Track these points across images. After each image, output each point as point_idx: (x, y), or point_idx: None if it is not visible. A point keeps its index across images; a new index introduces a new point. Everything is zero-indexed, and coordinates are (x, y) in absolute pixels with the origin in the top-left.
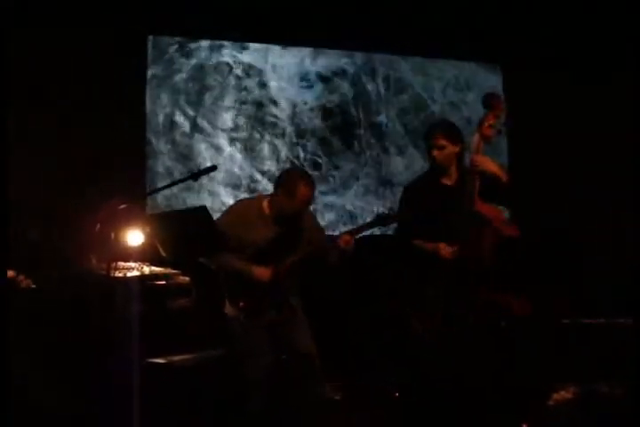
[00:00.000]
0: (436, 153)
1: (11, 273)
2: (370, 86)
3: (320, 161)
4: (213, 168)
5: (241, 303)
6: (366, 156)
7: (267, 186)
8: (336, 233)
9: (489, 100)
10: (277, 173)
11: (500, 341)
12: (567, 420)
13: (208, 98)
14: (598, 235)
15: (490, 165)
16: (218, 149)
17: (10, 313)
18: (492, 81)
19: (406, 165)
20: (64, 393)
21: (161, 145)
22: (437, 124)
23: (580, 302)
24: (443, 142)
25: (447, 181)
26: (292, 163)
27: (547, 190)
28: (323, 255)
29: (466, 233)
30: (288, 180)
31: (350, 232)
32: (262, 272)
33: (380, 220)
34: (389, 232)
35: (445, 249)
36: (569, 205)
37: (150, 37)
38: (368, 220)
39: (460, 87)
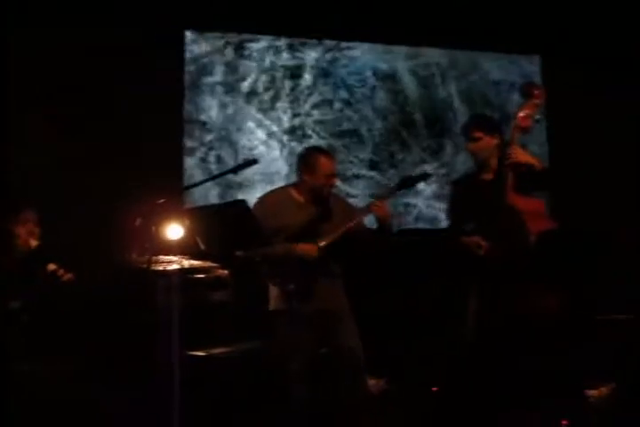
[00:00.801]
0: (471, 146)
1: (52, 267)
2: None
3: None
4: (254, 162)
5: (291, 286)
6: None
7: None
8: None
9: (526, 90)
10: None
11: (536, 338)
12: (607, 416)
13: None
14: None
15: (523, 155)
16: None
17: (52, 307)
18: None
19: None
20: (105, 386)
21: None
22: (472, 118)
23: (609, 297)
24: (477, 134)
25: (487, 176)
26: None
27: (586, 183)
28: (362, 233)
29: (501, 228)
30: (307, 157)
31: (379, 197)
32: (308, 248)
33: (404, 182)
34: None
35: (478, 244)
36: (605, 198)
37: (188, 33)
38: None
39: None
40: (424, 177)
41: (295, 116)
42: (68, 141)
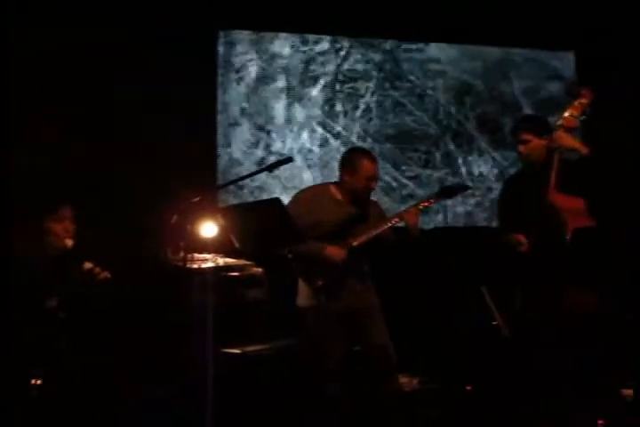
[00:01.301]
0: (521, 148)
1: (88, 265)
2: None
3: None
4: (289, 160)
5: (320, 282)
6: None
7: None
8: None
9: (573, 89)
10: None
11: (573, 336)
12: None
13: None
14: None
15: (569, 140)
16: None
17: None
18: None
19: None
20: (140, 384)
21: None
22: (522, 120)
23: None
24: (527, 137)
25: (533, 175)
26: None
27: (622, 183)
28: (390, 236)
29: (540, 225)
30: (350, 158)
31: (416, 206)
32: (336, 252)
33: (444, 192)
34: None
35: (519, 241)
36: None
37: (221, 33)
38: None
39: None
40: (463, 188)
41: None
42: (95, 141)
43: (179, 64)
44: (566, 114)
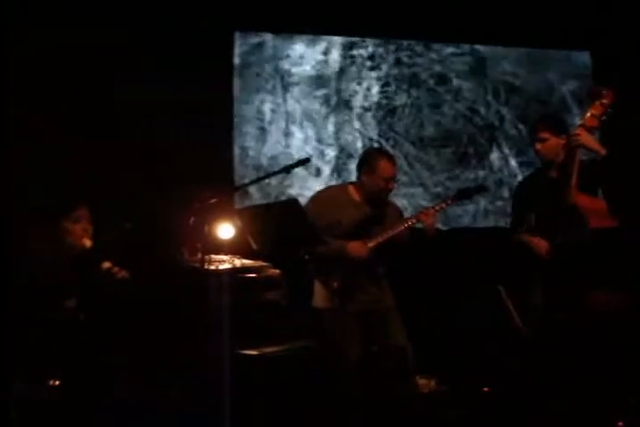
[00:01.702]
0: (538, 146)
1: (107, 265)
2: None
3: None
4: (307, 160)
5: (335, 284)
6: None
7: None
8: None
9: (594, 90)
10: None
11: (595, 337)
12: None
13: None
14: None
15: (589, 140)
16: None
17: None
18: None
19: None
20: (158, 383)
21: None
22: (540, 118)
23: None
24: (545, 135)
25: (552, 174)
26: None
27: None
28: (406, 238)
29: (562, 226)
30: (368, 158)
31: (433, 207)
32: (359, 248)
33: (461, 194)
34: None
35: (540, 244)
36: None
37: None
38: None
39: None
40: (481, 189)
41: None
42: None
43: (189, 64)
44: (588, 113)
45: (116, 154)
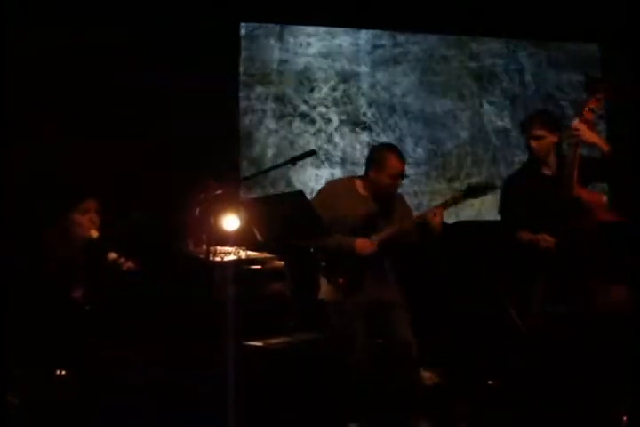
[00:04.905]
0: (534, 144)
1: (113, 255)
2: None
3: None
4: (312, 152)
5: (340, 280)
6: None
7: None
8: None
9: (591, 84)
10: None
11: (600, 331)
12: None
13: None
14: None
15: (589, 133)
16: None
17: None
18: None
19: None
20: (162, 375)
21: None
22: (535, 115)
23: None
24: (541, 133)
25: (547, 171)
26: None
27: None
28: (413, 235)
29: (567, 222)
30: (377, 154)
31: (442, 205)
32: (365, 244)
33: (470, 191)
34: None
35: (546, 240)
36: None
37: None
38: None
39: None
40: (490, 187)
41: None
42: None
43: (191, 59)
44: (585, 107)
45: (116, 154)
